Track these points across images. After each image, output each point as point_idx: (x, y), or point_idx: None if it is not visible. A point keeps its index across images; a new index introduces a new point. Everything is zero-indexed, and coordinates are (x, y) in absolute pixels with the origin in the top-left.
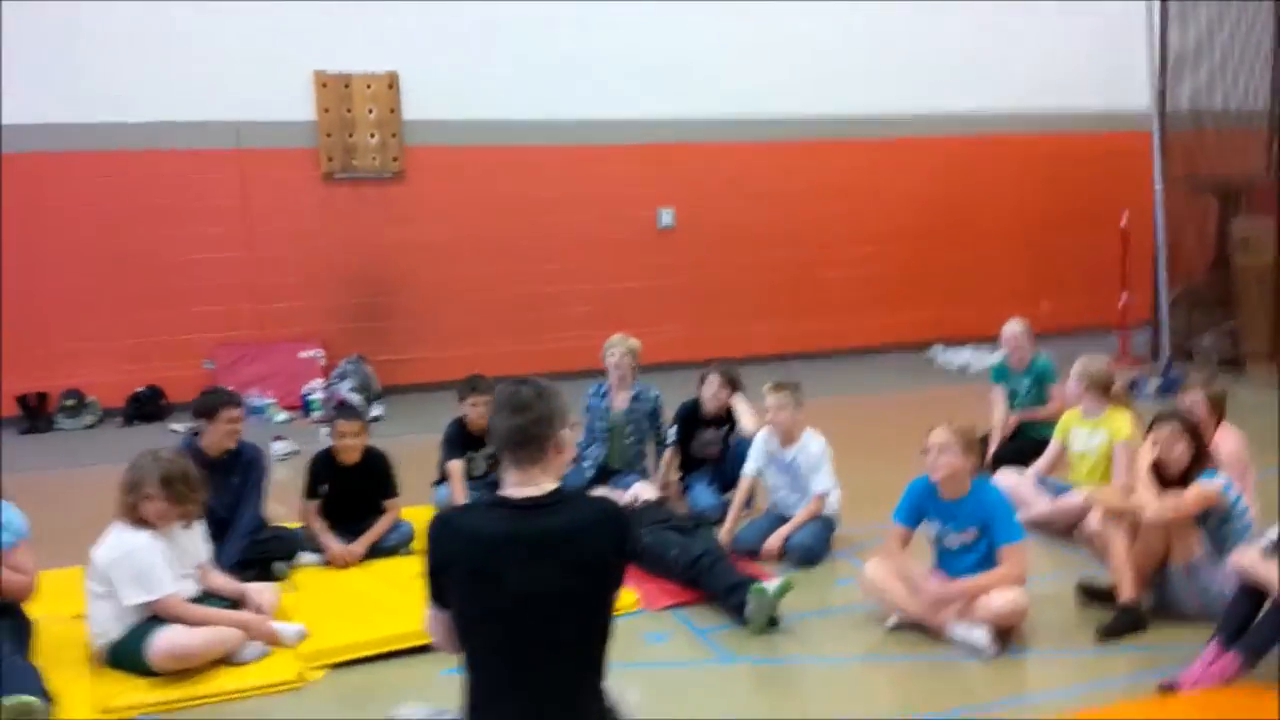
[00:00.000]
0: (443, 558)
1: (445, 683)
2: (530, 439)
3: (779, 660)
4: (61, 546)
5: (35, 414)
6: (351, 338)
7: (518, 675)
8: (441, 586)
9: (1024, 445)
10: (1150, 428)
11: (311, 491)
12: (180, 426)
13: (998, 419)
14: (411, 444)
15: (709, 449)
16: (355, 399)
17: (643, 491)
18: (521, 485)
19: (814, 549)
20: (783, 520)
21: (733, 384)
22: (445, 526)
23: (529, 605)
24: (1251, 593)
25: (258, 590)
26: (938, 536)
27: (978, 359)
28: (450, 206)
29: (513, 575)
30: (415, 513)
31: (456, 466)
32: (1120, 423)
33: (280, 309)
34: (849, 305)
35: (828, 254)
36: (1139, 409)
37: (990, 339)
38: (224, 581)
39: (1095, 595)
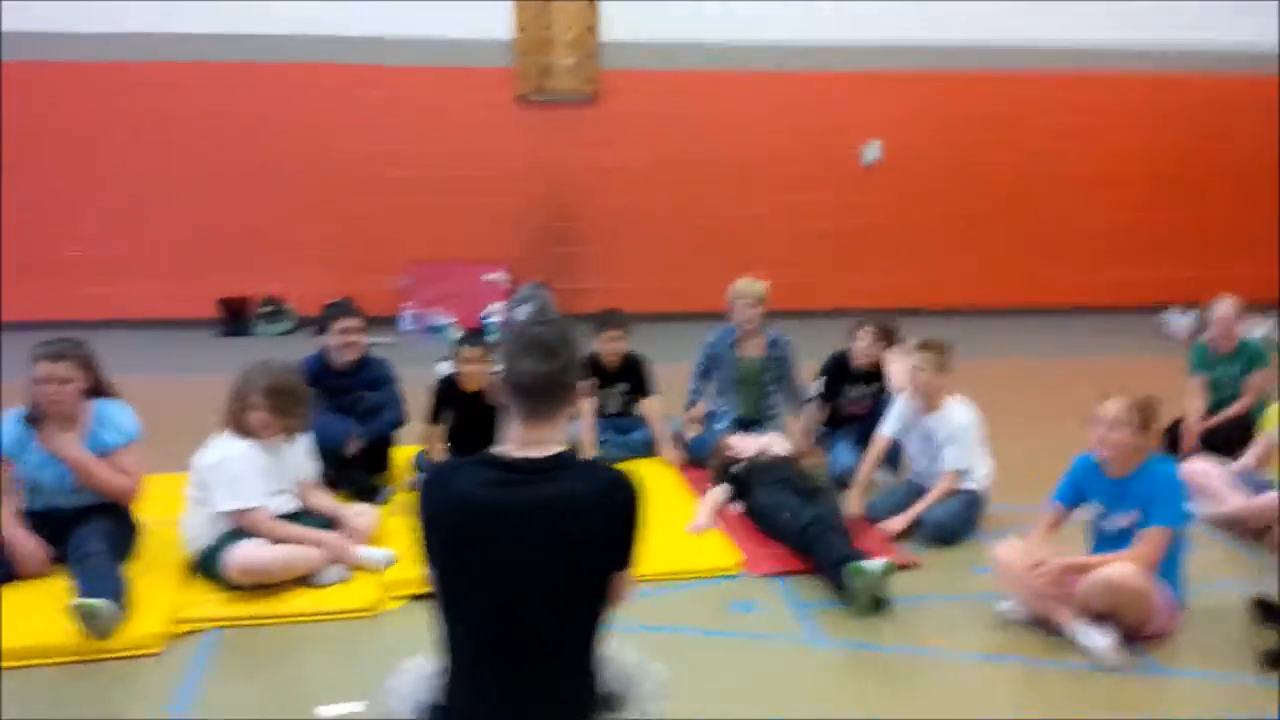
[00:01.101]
0: (429, 516)
1: None
2: (555, 389)
3: (872, 647)
4: None
5: (235, 317)
6: (536, 263)
7: (493, 651)
8: (429, 546)
9: (1233, 433)
10: None
11: (434, 417)
12: (383, 339)
13: (1192, 415)
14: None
15: (856, 405)
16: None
17: (773, 444)
18: (526, 443)
19: (948, 527)
20: (921, 492)
21: (888, 337)
22: (436, 482)
23: (508, 580)
24: None
25: (355, 513)
26: (1096, 519)
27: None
28: (644, 132)
29: (494, 545)
30: None
31: (587, 404)
32: None
33: (469, 230)
34: (1076, 258)
35: (1056, 200)
36: None
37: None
38: (324, 500)
39: (1274, 614)
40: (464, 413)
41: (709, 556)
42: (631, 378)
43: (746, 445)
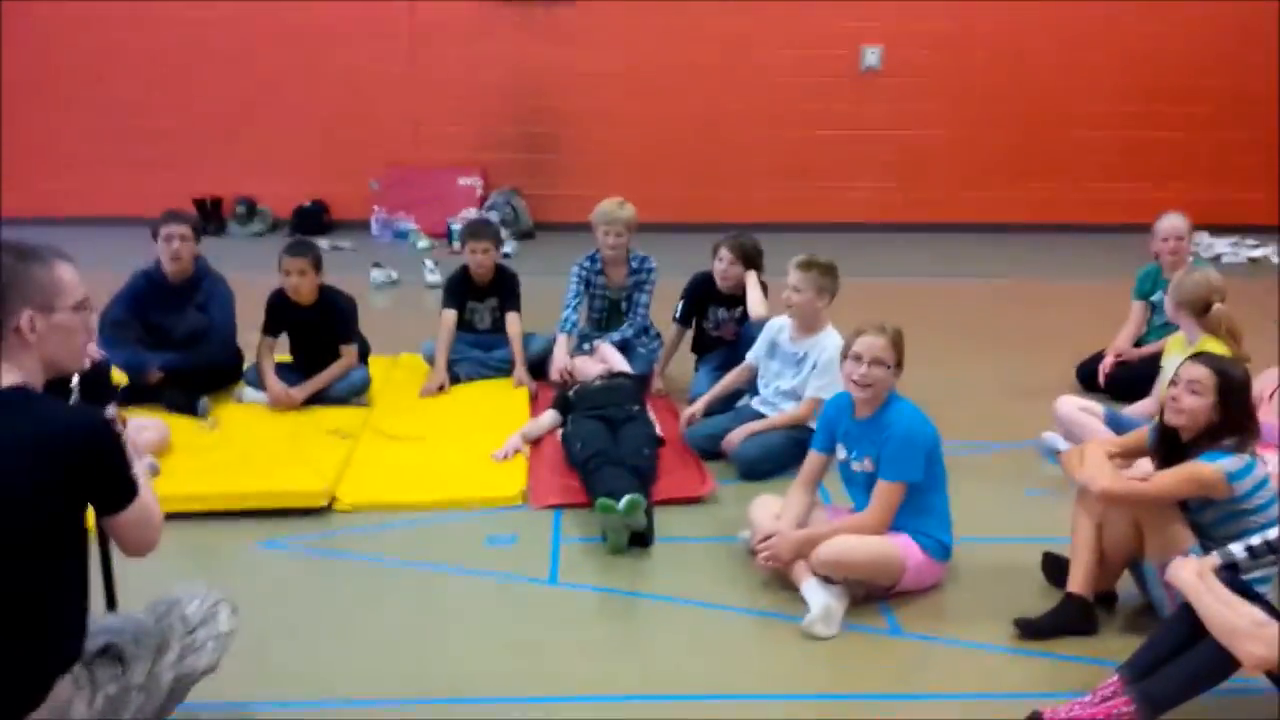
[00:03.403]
0: None
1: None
2: None
3: (601, 589)
4: None
5: (209, 217)
6: (510, 168)
7: None
8: None
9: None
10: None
11: (266, 329)
12: (344, 244)
13: (1122, 337)
14: (540, 283)
15: (722, 330)
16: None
17: (613, 360)
18: None
19: (760, 463)
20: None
21: (747, 259)
22: None
23: None
24: (1191, 621)
25: (136, 427)
26: (841, 464)
27: (1236, 252)
28: (625, 34)
29: None
30: (403, 360)
31: (449, 317)
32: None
33: (443, 133)
34: (1097, 175)
35: (1076, 112)
36: None
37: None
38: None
39: (1062, 572)
40: (296, 327)
41: (491, 486)
42: (501, 293)
43: (590, 368)
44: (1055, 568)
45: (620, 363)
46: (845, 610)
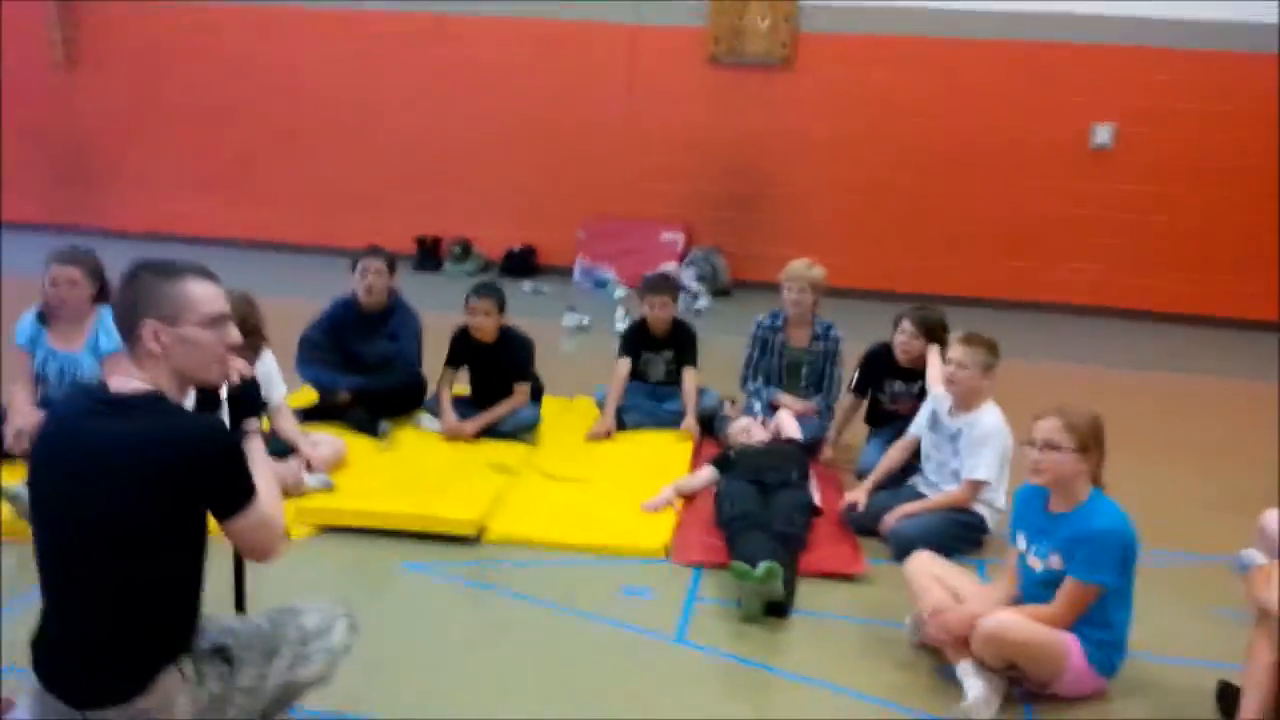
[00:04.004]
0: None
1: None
2: (117, 321)
3: (729, 656)
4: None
5: (428, 255)
6: (713, 226)
7: (50, 587)
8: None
9: None
10: None
11: (449, 361)
12: (545, 289)
13: None
14: (729, 341)
15: (898, 403)
16: (696, 287)
17: (786, 428)
18: (126, 375)
19: (916, 544)
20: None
21: (930, 333)
22: (49, 413)
23: (56, 512)
24: None
25: (314, 442)
26: (1020, 558)
27: None
28: (839, 100)
29: (55, 472)
30: (577, 403)
31: (623, 365)
32: None
33: (652, 188)
34: None
35: None
36: None
37: None
38: (286, 426)
39: (1236, 705)
40: (475, 363)
41: (637, 535)
42: (678, 346)
43: (756, 431)
44: (1231, 699)
45: (792, 430)
46: (1000, 703)
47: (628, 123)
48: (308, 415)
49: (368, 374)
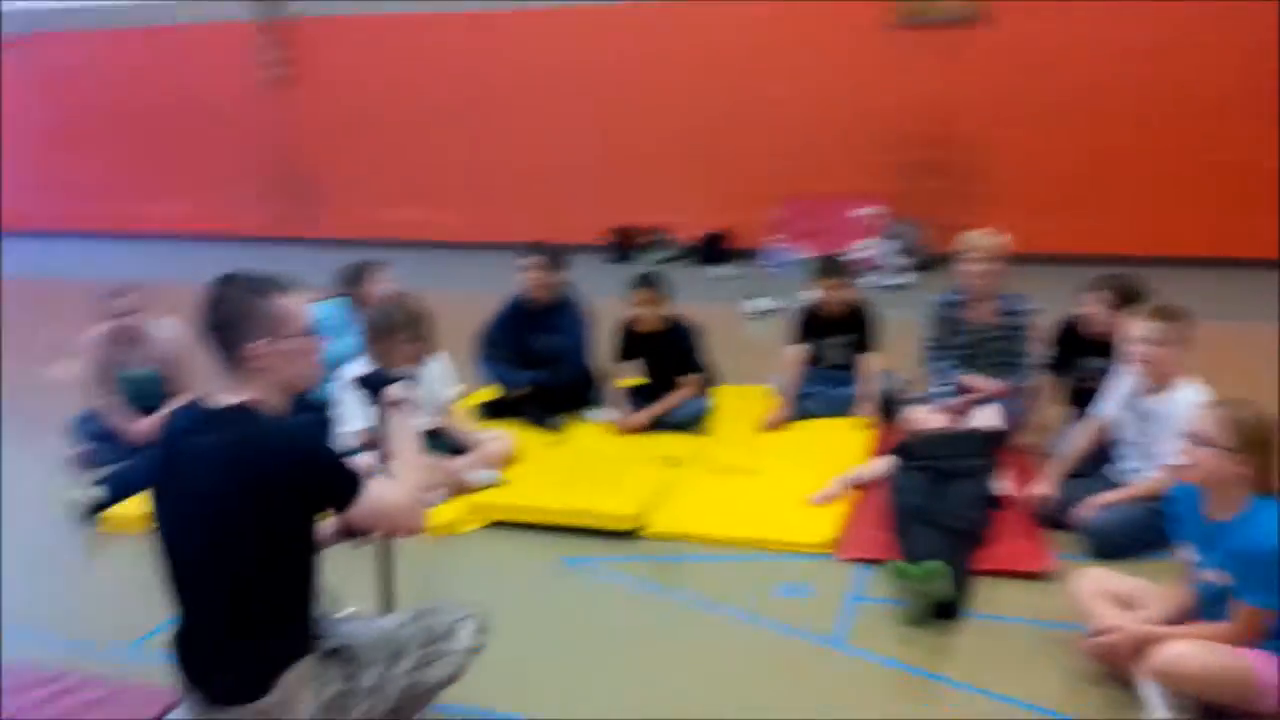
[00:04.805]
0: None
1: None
2: (216, 343)
3: (889, 662)
4: None
5: (621, 245)
6: (912, 198)
7: (174, 591)
8: None
9: None
10: None
11: (618, 355)
12: (737, 272)
13: None
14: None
15: (1095, 380)
16: (898, 262)
17: (974, 411)
18: (226, 391)
19: (1114, 539)
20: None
21: (1123, 299)
22: (164, 428)
23: (174, 519)
24: None
25: (489, 438)
26: (1193, 565)
27: None
28: (1044, 56)
29: (166, 486)
30: (753, 392)
31: (795, 352)
32: None
33: (847, 163)
34: None
35: None
36: None
37: None
38: (457, 424)
39: None
40: (645, 354)
41: (801, 530)
42: (856, 329)
43: (932, 418)
44: None
45: (980, 415)
46: None
47: (818, 98)
48: (487, 410)
49: (541, 369)
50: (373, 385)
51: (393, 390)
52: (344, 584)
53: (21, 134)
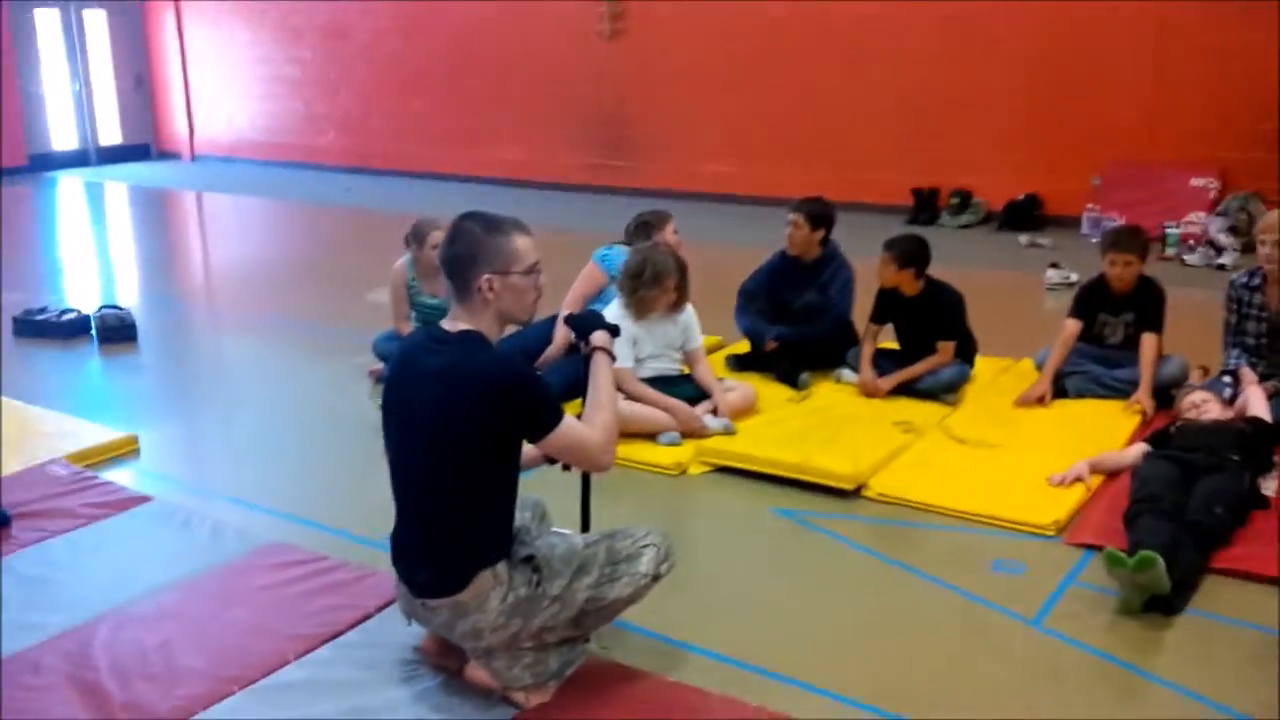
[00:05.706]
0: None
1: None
2: (450, 273)
3: (1088, 649)
4: None
5: (924, 207)
6: (1253, 169)
7: (396, 493)
8: None
9: None
10: None
11: (874, 316)
12: (1042, 241)
13: None
14: None
15: None
16: (1225, 240)
17: (1253, 403)
18: (454, 318)
19: None
20: None
21: None
22: (399, 347)
23: (399, 428)
24: None
25: (726, 388)
26: None
27: None
28: None
29: (395, 396)
30: (1020, 366)
31: (1072, 326)
32: None
33: (1180, 130)
34: None
35: None
36: None
37: None
38: (701, 372)
39: None
40: (901, 318)
41: (1030, 510)
42: (1140, 308)
43: (1211, 406)
44: None
45: (1259, 407)
46: None
47: (1146, 56)
48: (740, 362)
49: (795, 324)
50: (581, 328)
51: (597, 336)
52: (555, 505)
53: (382, 81)
